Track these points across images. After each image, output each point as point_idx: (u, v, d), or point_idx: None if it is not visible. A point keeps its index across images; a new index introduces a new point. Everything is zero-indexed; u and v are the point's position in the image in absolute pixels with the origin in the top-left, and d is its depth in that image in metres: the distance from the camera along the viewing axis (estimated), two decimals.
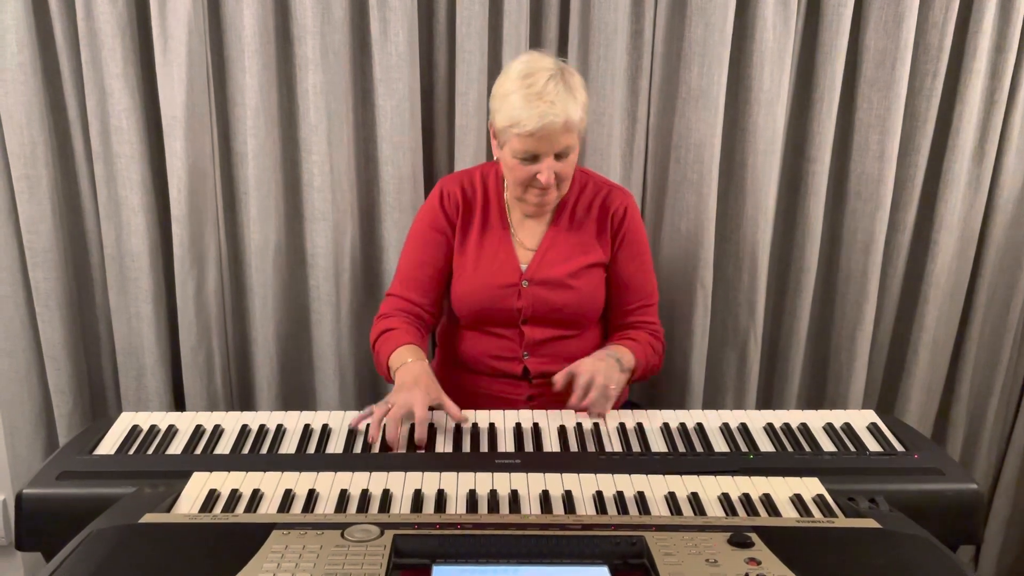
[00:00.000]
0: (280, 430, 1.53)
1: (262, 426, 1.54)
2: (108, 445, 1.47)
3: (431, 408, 1.54)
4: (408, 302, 1.79)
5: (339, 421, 1.57)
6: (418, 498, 1.28)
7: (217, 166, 2.07)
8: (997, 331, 2.29)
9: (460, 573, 1.01)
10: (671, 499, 1.29)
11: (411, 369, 1.63)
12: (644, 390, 2.32)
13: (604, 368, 1.61)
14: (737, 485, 1.33)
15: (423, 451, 1.48)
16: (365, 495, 1.29)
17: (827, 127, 2.06)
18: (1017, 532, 2.44)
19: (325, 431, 1.53)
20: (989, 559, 2.45)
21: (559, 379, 1.63)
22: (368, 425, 1.52)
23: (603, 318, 1.86)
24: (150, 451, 1.46)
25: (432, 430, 1.52)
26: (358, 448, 1.48)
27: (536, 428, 1.55)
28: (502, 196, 1.77)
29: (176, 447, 1.48)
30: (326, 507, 1.26)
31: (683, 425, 1.56)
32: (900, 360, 2.30)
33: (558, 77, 1.57)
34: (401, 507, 1.27)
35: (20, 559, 2.34)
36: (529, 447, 1.49)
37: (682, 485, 1.33)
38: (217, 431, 1.53)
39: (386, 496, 1.29)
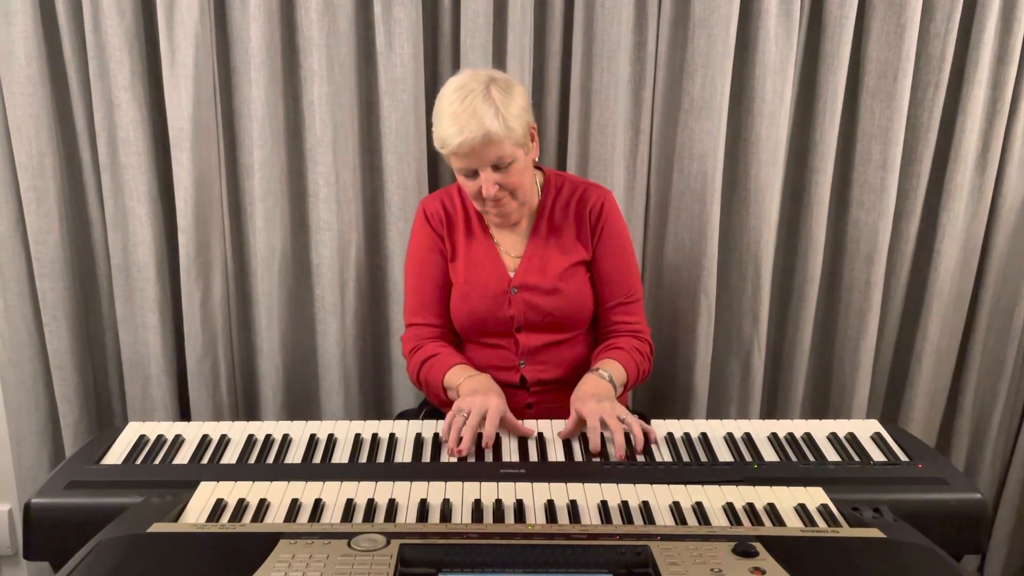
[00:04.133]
0: (286, 440, 1.54)
1: (268, 436, 1.55)
2: (115, 455, 1.48)
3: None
4: (430, 327, 1.81)
5: (345, 431, 1.57)
6: (423, 508, 1.29)
7: (223, 177, 2.08)
8: (1001, 340, 2.29)
9: None
10: (675, 509, 1.30)
11: (480, 379, 1.66)
12: (647, 400, 2.32)
13: (608, 406, 1.56)
14: (741, 495, 1.33)
15: (488, 448, 1.51)
16: (371, 504, 1.29)
17: (830, 137, 2.07)
18: (1022, 541, 2.43)
19: (331, 441, 1.54)
20: (994, 569, 2.45)
21: (571, 428, 1.56)
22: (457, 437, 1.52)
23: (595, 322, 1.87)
24: (157, 461, 1.47)
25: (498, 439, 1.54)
26: (363, 458, 1.49)
27: (540, 438, 1.55)
28: None
29: (183, 457, 1.48)
30: (332, 516, 1.27)
31: (687, 435, 1.57)
32: (904, 370, 2.30)
33: (479, 92, 1.57)
34: (407, 516, 1.27)
35: (25, 569, 2.34)
36: (533, 457, 1.50)
37: (686, 495, 1.33)
38: (224, 441, 1.53)
39: (392, 506, 1.29)
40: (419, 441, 1.54)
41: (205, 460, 1.47)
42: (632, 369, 1.74)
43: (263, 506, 1.29)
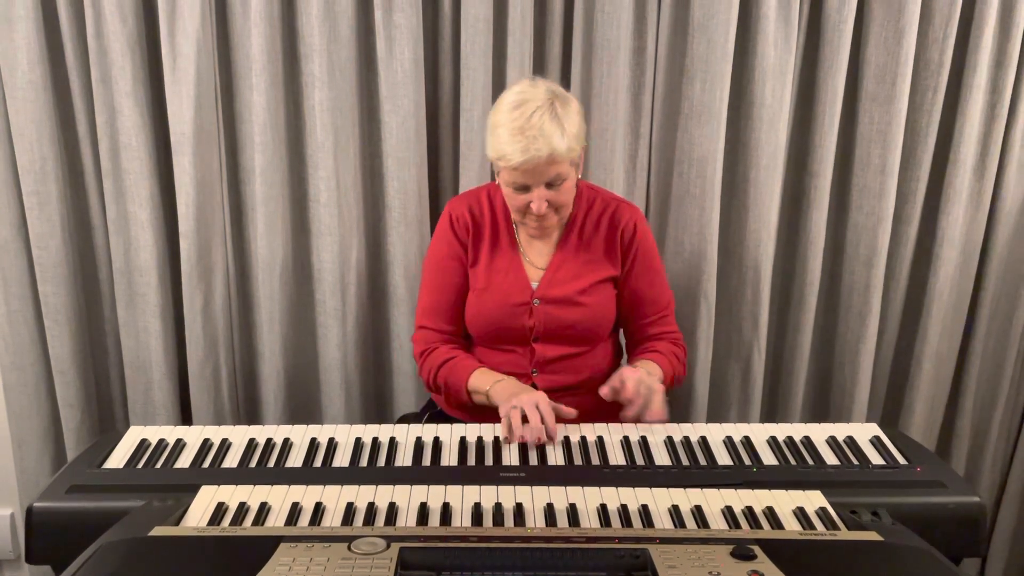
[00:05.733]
0: (287, 444, 1.54)
1: (269, 440, 1.55)
2: (117, 459, 1.49)
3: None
4: (441, 333, 1.81)
5: (345, 435, 1.58)
6: (423, 511, 1.29)
7: (225, 182, 2.09)
8: (1000, 344, 2.30)
9: None
10: (675, 512, 1.30)
11: (512, 382, 1.68)
12: None
13: (646, 376, 1.62)
14: (740, 498, 1.34)
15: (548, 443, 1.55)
16: (371, 508, 1.30)
17: (829, 141, 2.08)
18: (1022, 545, 2.43)
19: (332, 445, 1.54)
20: (995, 572, 2.45)
21: (606, 392, 1.62)
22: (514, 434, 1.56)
23: (614, 333, 1.87)
24: (159, 465, 1.48)
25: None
26: (364, 462, 1.49)
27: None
28: (510, 216, 1.78)
29: (184, 461, 1.49)
30: (333, 520, 1.28)
31: (687, 438, 1.57)
32: (904, 373, 2.30)
33: (545, 108, 1.57)
34: (407, 520, 1.28)
35: (28, 572, 2.35)
36: (534, 460, 1.50)
37: (686, 498, 1.34)
38: (225, 445, 1.54)
39: (392, 509, 1.30)
40: (419, 445, 1.54)
41: (206, 464, 1.48)
42: (668, 371, 1.76)
43: (264, 510, 1.29)
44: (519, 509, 1.30)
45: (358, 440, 1.56)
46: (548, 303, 1.75)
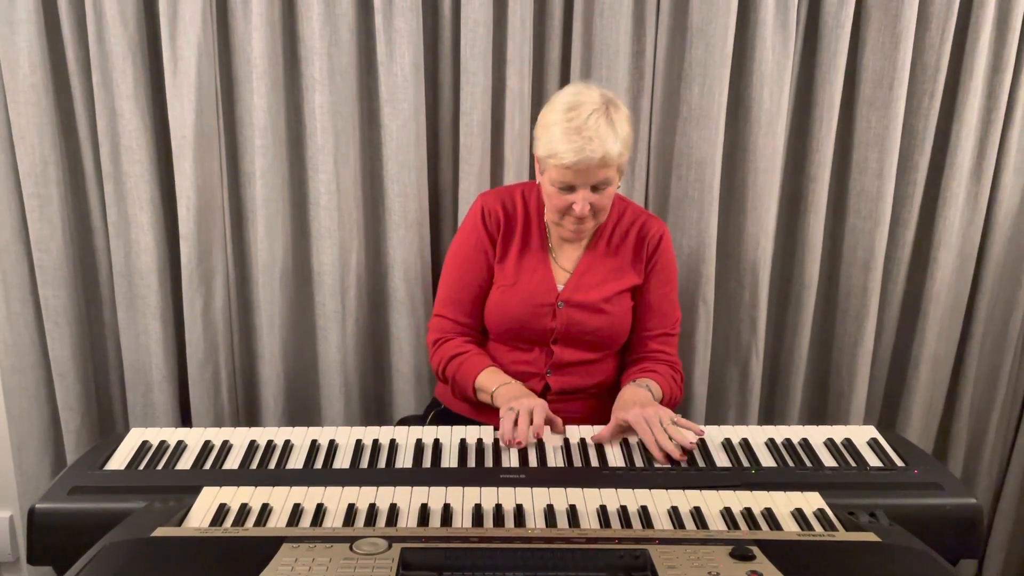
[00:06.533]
0: (288, 446, 1.55)
1: (270, 442, 1.56)
2: (118, 460, 1.49)
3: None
4: (459, 324, 1.82)
5: (346, 437, 1.58)
6: (424, 512, 1.30)
7: (225, 185, 2.09)
8: (997, 346, 2.31)
9: None
10: (674, 513, 1.31)
11: (517, 387, 1.69)
12: None
13: (652, 410, 1.57)
14: (739, 499, 1.35)
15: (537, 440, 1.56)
16: (372, 509, 1.31)
17: (826, 145, 2.09)
18: (1020, 546, 2.44)
19: (332, 446, 1.55)
20: (992, 573, 2.46)
21: (606, 435, 1.58)
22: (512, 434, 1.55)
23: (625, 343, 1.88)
24: (160, 466, 1.48)
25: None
26: (365, 463, 1.50)
27: (540, 443, 1.56)
28: (543, 216, 1.79)
29: (185, 463, 1.50)
30: (334, 521, 1.28)
31: None
32: (901, 376, 2.31)
33: (601, 111, 1.59)
34: (408, 521, 1.28)
35: (27, 574, 2.35)
36: (533, 462, 1.51)
37: (685, 500, 1.35)
38: (226, 447, 1.54)
39: (393, 510, 1.31)
40: (420, 447, 1.55)
41: (208, 466, 1.49)
42: (667, 390, 1.76)
43: (266, 511, 1.30)
44: (519, 510, 1.31)
45: (358, 442, 1.56)
46: (571, 307, 1.76)
